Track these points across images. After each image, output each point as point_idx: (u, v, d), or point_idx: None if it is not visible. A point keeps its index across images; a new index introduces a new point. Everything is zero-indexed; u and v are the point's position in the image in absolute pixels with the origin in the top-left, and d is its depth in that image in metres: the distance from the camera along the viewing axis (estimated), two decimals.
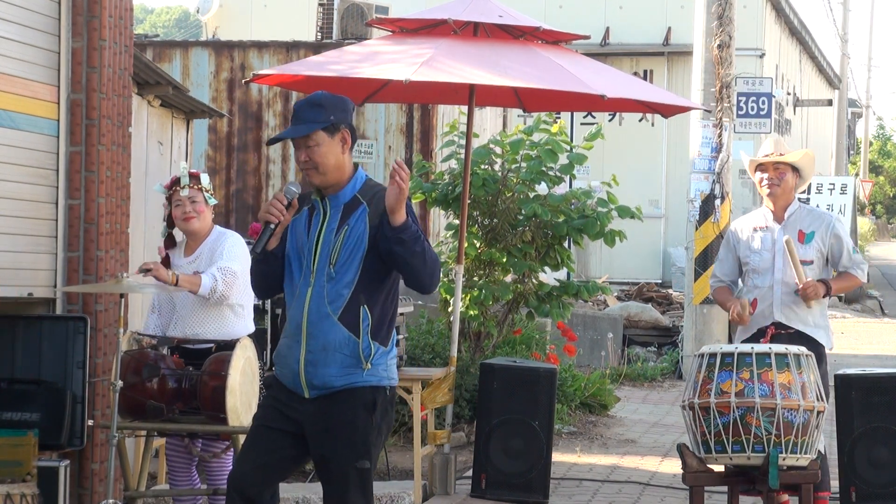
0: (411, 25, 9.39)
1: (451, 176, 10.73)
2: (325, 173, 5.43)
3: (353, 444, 5.38)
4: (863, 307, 28.57)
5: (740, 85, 19.08)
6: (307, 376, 5.41)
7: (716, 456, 6.85)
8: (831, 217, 7.79)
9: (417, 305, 12.29)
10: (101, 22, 7.65)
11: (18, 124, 7.28)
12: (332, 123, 5.43)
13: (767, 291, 7.58)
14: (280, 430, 5.48)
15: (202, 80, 16.61)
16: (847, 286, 7.79)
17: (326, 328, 5.39)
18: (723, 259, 7.84)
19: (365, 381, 5.40)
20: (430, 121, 16.28)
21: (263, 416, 5.57)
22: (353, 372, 5.39)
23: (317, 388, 5.41)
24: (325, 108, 5.44)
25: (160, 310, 7.42)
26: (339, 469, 5.40)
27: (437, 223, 16.16)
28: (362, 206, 5.44)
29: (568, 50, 9.37)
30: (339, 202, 5.47)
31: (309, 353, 5.40)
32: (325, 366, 5.39)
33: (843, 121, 41.66)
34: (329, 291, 5.39)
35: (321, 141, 5.41)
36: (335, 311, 5.38)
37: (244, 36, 20.62)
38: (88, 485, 7.63)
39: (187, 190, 7.29)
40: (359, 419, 5.38)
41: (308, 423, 5.44)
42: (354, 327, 5.38)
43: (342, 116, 5.47)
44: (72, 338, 7.38)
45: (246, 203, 16.34)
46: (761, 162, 7.63)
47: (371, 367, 5.40)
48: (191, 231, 7.35)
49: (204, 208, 7.33)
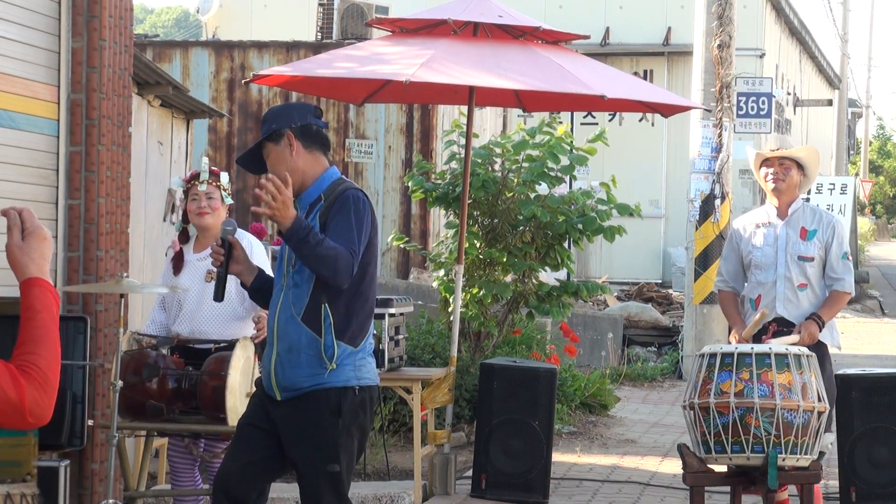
0: (411, 25, 9.39)
1: (452, 176, 10.74)
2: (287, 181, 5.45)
3: (320, 448, 5.38)
4: (863, 307, 28.57)
5: (740, 85, 19.07)
6: (277, 378, 5.44)
7: (716, 456, 6.85)
8: (832, 217, 7.78)
9: (417, 305, 12.29)
10: (101, 22, 7.65)
11: (18, 124, 7.28)
12: (274, 132, 5.46)
13: (770, 287, 7.57)
14: (265, 429, 5.49)
15: (202, 80, 16.62)
16: (837, 310, 7.72)
17: (292, 329, 5.41)
18: (727, 257, 7.83)
19: (329, 383, 5.38)
20: (431, 121, 16.28)
21: (251, 414, 5.59)
22: (318, 372, 5.38)
23: (287, 390, 5.42)
24: (267, 120, 5.53)
25: (167, 306, 7.42)
26: (309, 473, 5.40)
27: (437, 222, 16.17)
28: (321, 203, 5.45)
29: (568, 50, 9.37)
30: (304, 203, 5.49)
31: (278, 356, 5.44)
32: (291, 367, 5.40)
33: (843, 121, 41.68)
34: (294, 293, 5.42)
35: (270, 151, 5.48)
36: (298, 312, 5.40)
37: (244, 36, 20.63)
38: (88, 485, 7.63)
39: (205, 185, 7.30)
40: (325, 423, 5.37)
41: (281, 426, 5.46)
42: (316, 327, 5.38)
43: (284, 121, 5.48)
44: (72, 338, 7.38)
45: (246, 203, 16.35)
46: (767, 157, 7.62)
47: (336, 368, 5.37)
48: (203, 226, 7.35)
49: (219, 205, 7.34)
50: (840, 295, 7.59)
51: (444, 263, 10.71)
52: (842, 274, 7.57)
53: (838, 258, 7.60)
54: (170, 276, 7.41)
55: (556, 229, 10.61)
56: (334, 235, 5.33)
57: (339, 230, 5.35)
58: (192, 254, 7.39)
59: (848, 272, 7.62)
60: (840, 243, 7.64)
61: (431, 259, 11.24)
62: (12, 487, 6.61)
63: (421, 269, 15.99)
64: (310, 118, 5.53)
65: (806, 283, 7.54)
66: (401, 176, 15.91)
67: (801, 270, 7.55)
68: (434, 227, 16.32)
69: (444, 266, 10.71)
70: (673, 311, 19.92)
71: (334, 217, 5.38)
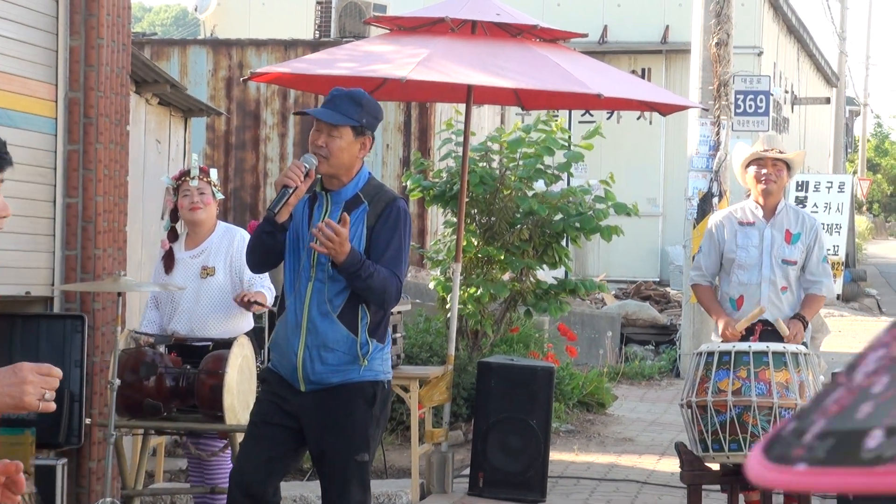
0: (409, 24, 9.40)
1: (449, 174, 10.74)
2: (334, 166, 5.44)
3: (351, 436, 5.40)
4: (860, 305, 28.57)
5: (738, 83, 19.08)
6: (304, 371, 5.43)
7: (713, 454, 6.85)
8: (815, 221, 7.78)
9: (415, 304, 12.29)
10: (98, 20, 7.65)
11: (16, 122, 7.28)
12: (362, 126, 5.46)
13: (755, 289, 7.56)
14: (279, 425, 5.49)
15: (200, 78, 16.61)
16: (816, 310, 7.76)
17: (326, 326, 5.41)
18: (706, 252, 7.76)
19: (362, 377, 5.43)
20: (428, 119, 16.28)
21: (261, 411, 5.58)
22: (350, 369, 5.42)
23: (313, 383, 5.44)
24: (363, 108, 5.48)
25: (159, 305, 7.43)
26: (338, 462, 5.41)
27: (434, 221, 16.17)
28: (363, 205, 5.47)
29: (565, 48, 9.37)
30: (340, 199, 5.48)
31: (307, 349, 5.43)
32: (322, 362, 5.41)
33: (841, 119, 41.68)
34: (329, 289, 5.41)
35: (344, 135, 5.43)
36: (335, 309, 5.41)
37: (242, 34, 20.62)
38: (86, 483, 7.63)
39: (196, 181, 7.34)
40: (358, 412, 5.41)
41: (304, 417, 5.45)
42: (353, 326, 5.41)
43: (372, 122, 5.52)
44: (69, 336, 7.39)
45: (244, 201, 16.34)
46: (761, 156, 7.60)
47: (367, 364, 5.43)
48: (196, 222, 7.36)
49: (211, 201, 7.37)
50: (818, 298, 7.60)
51: (442, 262, 10.71)
52: (820, 277, 7.59)
53: (818, 262, 7.61)
54: (161, 276, 7.42)
55: (554, 227, 10.62)
56: (386, 258, 5.38)
57: (391, 252, 5.41)
58: (184, 251, 7.39)
59: (827, 276, 7.64)
60: (821, 247, 7.66)
61: (429, 257, 11.24)
62: None
63: (418, 268, 16.00)
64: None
65: (787, 286, 7.55)
66: (398, 174, 15.92)
67: (784, 273, 7.55)
68: (432, 226, 16.32)
69: (441, 264, 10.72)
70: (671, 309, 19.93)
71: (386, 232, 5.43)
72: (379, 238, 5.43)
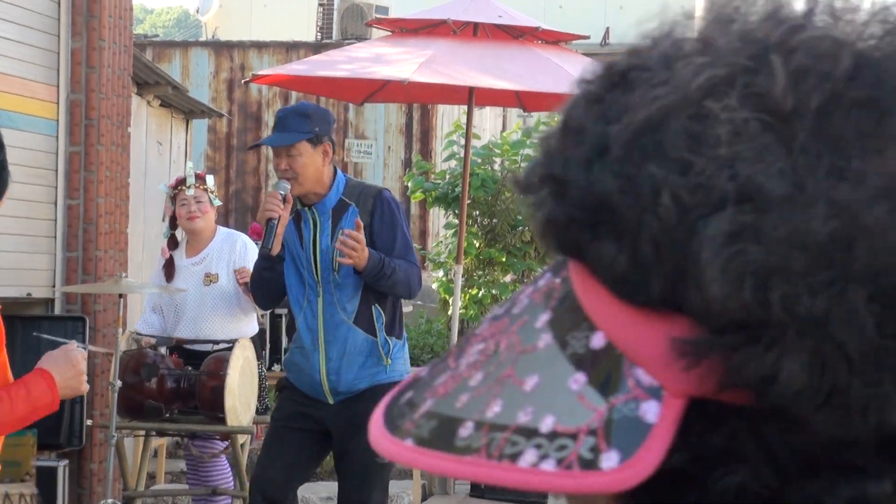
0: (411, 25, 9.40)
1: (451, 176, 10.74)
2: (304, 184, 5.47)
3: None
4: None
5: None
6: (330, 384, 5.46)
7: None
8: None
9: (417, 305, 12.30)
10: (100, 22, 7.65)
11: (18, 124, 7.28)
12: (316, 135, 5.48)
13: None
14: (301, 429, 5.52)
15: (202, 80, 16.62)
16: None
17: (344, 333, 5.43)
18: None
19: (389, 378, 5.46)
20: (430, 121, 16.28)
21: (283, 416, 5.59)
22: (376, 371, 5.46)
23: (341, 394, 5.46)
24: (311, 119, 5.50)
25: (162, 311, 7.41)
26: (359, 463, 5.43)
27: (436, 223, 16.17)
28: (350, 207, 5.48)
29: (568, 50, 9.37)
30: (325, 208, 5.51)
31: (329, 362, 5.45)
32: (348, 371, 5.45)
33: None
34: (339, 298, 5.43)
35: (304, 151, 5.47)
36: (349, 315, 5.44)
37: (244, 36, 20.63)
38: (87, 484, 7.63)
39: (193, 190, 7.30)
40: None
41: (332, 420, 5.49)
42: (370, 328, 5.45)
43: (326, 129, 5.55)
44: (70, 338, 7.38)
45: (245, 203, 16.35)
46: None
47: (391, 363, 5.47)
48: (195, 230, 7.35)
49: (209, 208, 7.35)
50: None
51: (444, 264, 10.71)
52: None
53: None
54: (162, 283, 7.40)
55: None
56: (397, 251, 5.42)
57: (399, 243, 5.45)
58: (185, 259, 7.38)
59: None
60: None
61: (430, 259, 11.24)
62: (11, 487, 6.62)
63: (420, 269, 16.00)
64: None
65: None
66: (400, 176, 15.91)
67: None
68: (433, 228, 16.32)
69: (443, 266, 10.72)
70: None
71: (386, 227, 5.47)
72: (382, 234, 5.45)
